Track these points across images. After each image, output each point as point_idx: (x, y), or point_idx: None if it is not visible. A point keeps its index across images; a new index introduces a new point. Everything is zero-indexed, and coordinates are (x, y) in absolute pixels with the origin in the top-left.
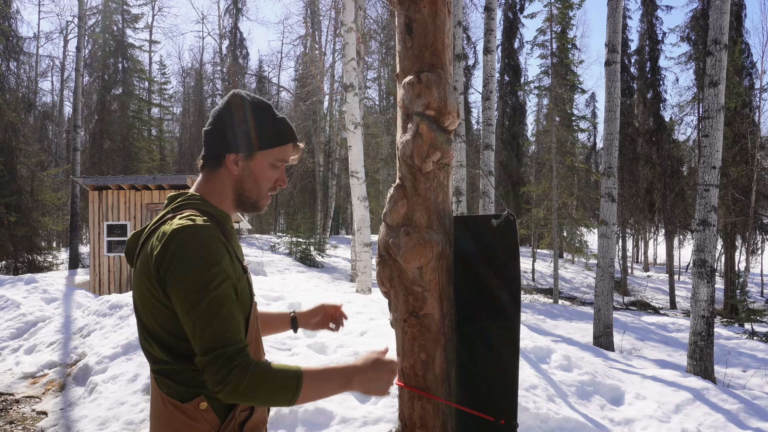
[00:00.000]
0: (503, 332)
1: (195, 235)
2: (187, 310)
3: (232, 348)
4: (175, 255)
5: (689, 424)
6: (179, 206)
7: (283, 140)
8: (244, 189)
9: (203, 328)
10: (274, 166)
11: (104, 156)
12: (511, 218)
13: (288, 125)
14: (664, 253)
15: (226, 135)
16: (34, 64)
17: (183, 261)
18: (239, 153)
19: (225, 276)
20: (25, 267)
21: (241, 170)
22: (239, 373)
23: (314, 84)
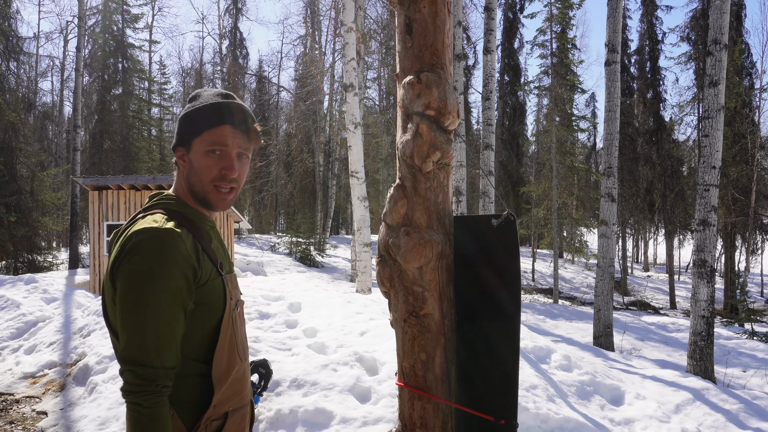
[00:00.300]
0: (503, 332)
1: (150, 239)
2: (119, 312)
3: (145, 369)
4: (126, 259)
5: (689, 424)
6: (151, 206)
7: (212, 122)
8: (192, 183)
9: (126, 337)
10: (210, 152)
11: (104, 156)
12: (511, 218)
13: (221, 107)
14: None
15: (176, 131)
16: (34, 64)
17: (131, 266)
18: (182, 146)
19: (171, 289)
20: (25, 267)
21: (187, 164)
22: (145, 400)
23: (314, 84)
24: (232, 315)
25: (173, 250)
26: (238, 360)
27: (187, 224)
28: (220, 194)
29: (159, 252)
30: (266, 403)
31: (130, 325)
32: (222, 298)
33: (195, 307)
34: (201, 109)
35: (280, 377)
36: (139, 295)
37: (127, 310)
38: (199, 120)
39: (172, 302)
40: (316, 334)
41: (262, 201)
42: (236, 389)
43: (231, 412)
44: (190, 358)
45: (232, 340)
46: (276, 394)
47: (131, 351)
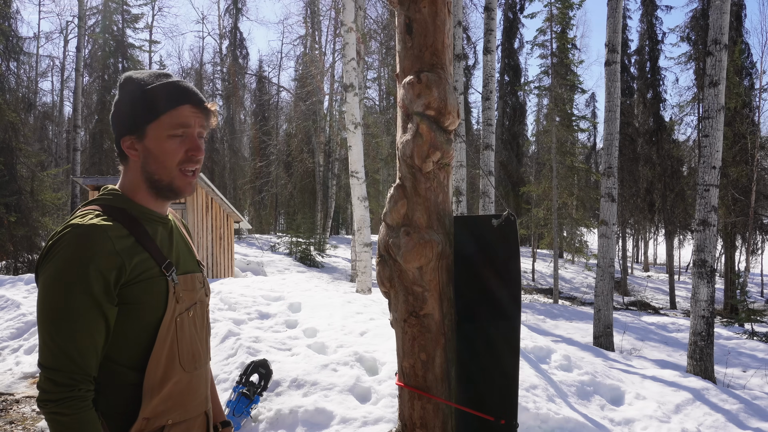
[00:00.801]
0: (503, 332)
1: (69, 239)
2: (37, 317)
3: (61, 374)
4: (44, 260)
5: (689, 424)
6: (90, 201)
7: (171, 103)
8: (151, 172)
9: (40, 342)
10: (173, 136)
11: (104, 156)
12: (512, 218)
13: (176, 87)
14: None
15: (117, 122)
16: (34, 64)
17: (47, 269)
18: (131, 135)
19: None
20: (25, 267)
21: (141, 153)
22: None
23: (314, 84)
24: (175, 320)
25: (91, 249)
26: (179, 370)
27: (125, 221)
28: (186, 178)
29: (75, 252)
30: (266, 403)
31: (45, 330)
32: (162, 299)
33: (123, 307)
34: (151, 92)
35: (280, 377)
36: (53, 300)
37: (43, 315)
38: (153, 103)
39: (89, 305)
40: (316, 334)
41: (262, 201)
42: (177, 401)
43: (169, 426)
44: (120, 364)
45: (173, 347)
46: (276, 394)
47: (46, 357)
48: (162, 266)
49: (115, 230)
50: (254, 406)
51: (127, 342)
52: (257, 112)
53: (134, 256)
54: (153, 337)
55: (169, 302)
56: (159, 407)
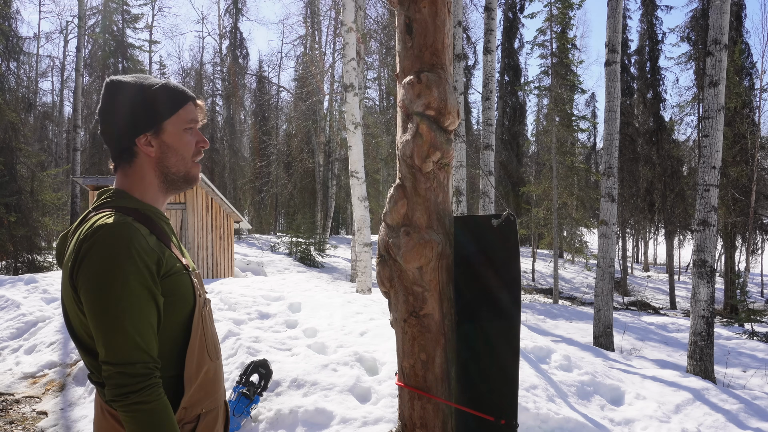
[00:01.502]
0: (503, 332)
1: (106, 237)
2: (91, 318)
3: (136, 366)
4: (84, 262)
5: (689, 424)
6: (99, 204)
7: (183, 100)
8: (169, 165)
9: (105, 340)
10: (187, 130)
11: (104, 156)
12: (512, 218)
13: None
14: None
15: (125, 123)
16: (34, 64)
17: (90, 266)
18: (147, 132)
19: (137, 281)
20: (25, 267)
21: (158, 148)
22: (144, 396)
23: (314, 84)
24: (201, 313)
25: (131, 243)
26: (208, 359)
27: (143, 220)
28: (197, 167)
29: (116, 246)
30: (266, 403)
31: (106, 327)
32: (191, 293)
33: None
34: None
35: (280, 377)
36: (108, 296)
37: (100, 313)
38: (168, 100)
39: (142, 295)
40: (316, 334)
41: (262, 201)
42: (208, 390)
43: (203, 414)
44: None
45: (202, 339)
46: (276, 394)
47: (116, 352)
48: (182, 263)
49: (142, 229)
50: (254, 406)
51: (164, 335)
52: (257, 112)
53: (164, 251)
54: (185, 330)
55: (196, 297)
56: (195, 396)
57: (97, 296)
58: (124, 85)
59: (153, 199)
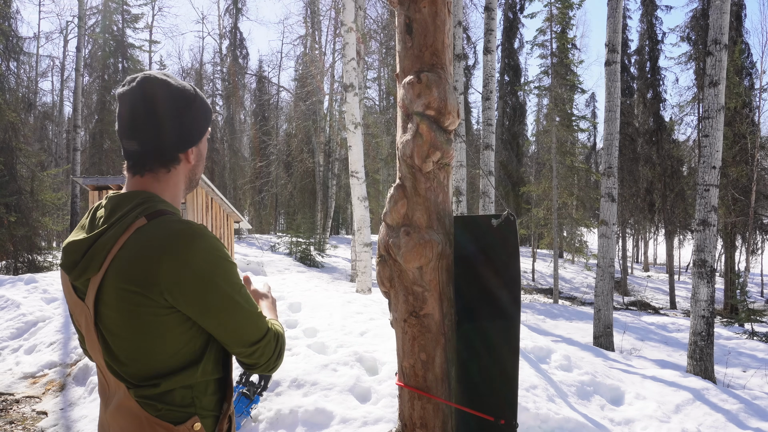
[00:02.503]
0: (503, 332)
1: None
2: (228, 313)
3: (271, 326)
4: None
5: (689, 424)
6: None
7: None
8: (196, 173)
9: (248, 323)
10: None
11: (104, 156)
12: (512, 218)
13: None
14: (664, 253)
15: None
16: (34, 64)
17: (207, 269)
18: (195, 146)
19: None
20: (25, 267)
21: (195, 156)
22: (279, 344)
23: (314, 84)
24: None
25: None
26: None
27: None
28: None
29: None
30: (266, 403)
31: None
32: None
33: None
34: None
35: (280, 377)
36: (235, 285)
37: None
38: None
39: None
40: (316, 334)
41: (262, 201)
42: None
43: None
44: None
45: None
46: (276, 394)
47: (259, 328)
48: None
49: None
50: (254, 406)
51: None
52: (257, 112)
53: None
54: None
55: None
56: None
57: (230, 292)
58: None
59: (176, 202)
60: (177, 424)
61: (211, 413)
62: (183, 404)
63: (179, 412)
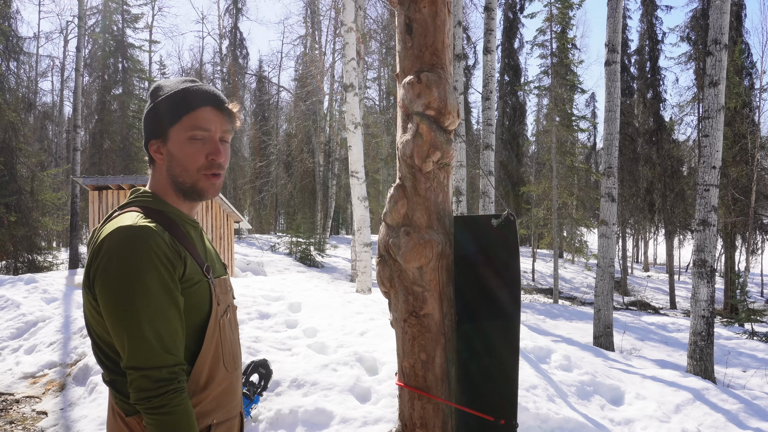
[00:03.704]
0: (503, 332)
1: (126, 239)
2: (111, 323)
3: (161, 371)
4: (102, 261)
5: (689, 424)
6: (126, 204)
7: (189, 106)
8: (175, 176)
9: (128, 345)
10: (193, 139)
11: (104, 156)
12: (512, 218)
13: (196, 90)
14: (664, 253)
15: (145, 127)
16: (34, 64)
17: (109, 271)
18: (156, 139)
19: (158, 283)
20: (25, 267)
21: (165, 157)
22: (168, 400)
23: (314, 84)
24: (219, 322)
25: (149, 246)
26: (223, 371)
27: (165, 223)
28: (209, 180)
29: (135, 250)
30: (266, 403)
31: (126, 331)
32: (207, 302)
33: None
34: (173, 96)
35: (280, 377)
36: (127, 298)
37: (119, 316)
38: (175, 107)
39: (163, 297)
40: (316, 334)
41: (262, 201)
42: (221, 401)
43: (214, 426)
44: None
45: (217, 349)
46: (276, 394)
47: (139, 357)
48: (203, 269)
49: (161, 232)
50: (254, 406)
51: None
52: (257, 112)
53: (182, 256)
54: (198, 340)
55: (213, 305)
56: (205, 407)
57: (117, 300)
58: (156, 89)
59: (175, 203)
60: (128, 415)
61: None
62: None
63: (132, 406)
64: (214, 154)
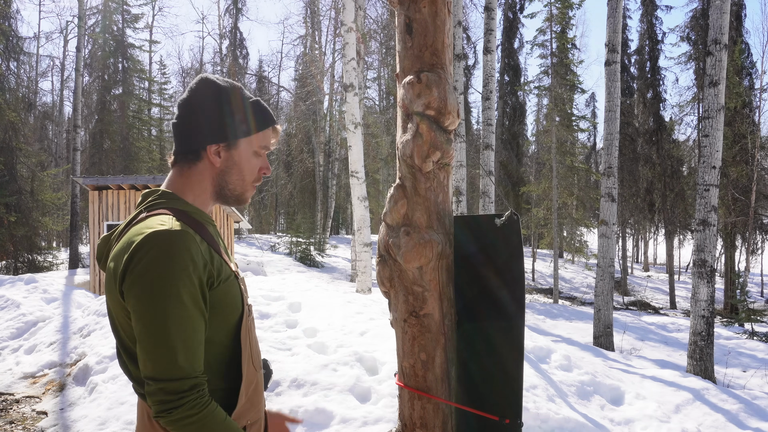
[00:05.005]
0: (506, 332)
1: (164, 243)
2: (138, 329)
3: (181, 382)
4: (137, 267)
5: (689, 424)
6: (152, 205)
7: (266, 124)
8: (228, 182)
9: (150, 355)
10: (257, 154)
11: (104, 156)
12: (515, 217)
13: (267, 108)
14: (664, 253)
15: (203, 125)
16: (34, 64)
17: (143, 275)
18: (221, 143)
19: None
20: (25, 267)
21: (224, 162)
22: (186, 410)
23: (314, 84)
24: (247, 321)
25: (186, 253)
26: (252, 370)
27: (193, 225)
28: (253, 190)
29: (171, 257)
30: (266, 403)
31: (153, 341)
32: (239, 301)
33: (212, 310)
34: (254, 107)
35: (280, 377)
36: (158, 308)
37: (149, 324)
38: (250, 119)
39: (193, 309)
40: (316, 334)
41: (262, 201)
42: (253, 401)
43: (248, 426)
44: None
45: (248, 349)
46: (276, 394)
47: (160, 368)
48: (231, 268)
49: (194, 237)
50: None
51: (212, 347)
52: None
53: (214, 258)
54: (234, 340)
55: (244, 303)
56: (243, 408)
57: (147, 307)
58: (217, 87)
59: (203, 203)
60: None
61: None
62: None
63: None
64: (265, 169)
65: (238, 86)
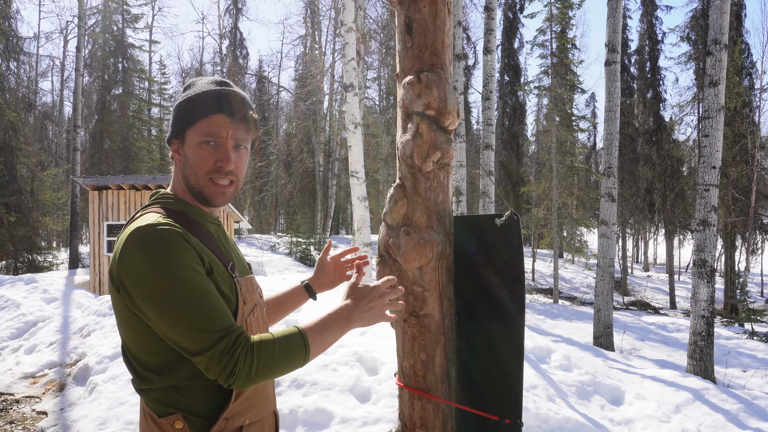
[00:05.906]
0: (506, 332)
1: (150, 235)
2: (163, 315)
3: (224, 340)
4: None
5: (689, 424)
6: (147, 205)
7: (205, 111)
8: (188, 178)
9: (186, 330)
10: (204, 143)
11: (104, 156)
12: (515, 217)
13: (215, 95)
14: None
15: (170, 124)
16: (34, 64)
17: (142, 264)
18: (176, 139)
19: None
20: (25, 267)
21: (183, 157)
22: (244, 359)
23: (314, 84)
24: (245, 321)
25: (176, 241)
26: None
27: (185, 223)
28: (217, 187)
29: (165, 243)
30: None
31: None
32: (234, 300)
33: None
34: (193, 99)
35: (279, 377)
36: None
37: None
38: (192, 110)
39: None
40: None
41: (262, 201)
42: (253, 401)
43: (246, 427)
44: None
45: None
46: (276, 394)
47: (201, 336)
48: (227, 267)
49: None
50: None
51: None
52: (257, 112)
53: (206, 253)
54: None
55: (239, 304)
56: (238, 407)
57: (154, 292)
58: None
59: (194, 203)
60: (160, 416)
61: (199, 419)
62: (165, 402)
63: (162, 409)
64: (222, 160)
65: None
